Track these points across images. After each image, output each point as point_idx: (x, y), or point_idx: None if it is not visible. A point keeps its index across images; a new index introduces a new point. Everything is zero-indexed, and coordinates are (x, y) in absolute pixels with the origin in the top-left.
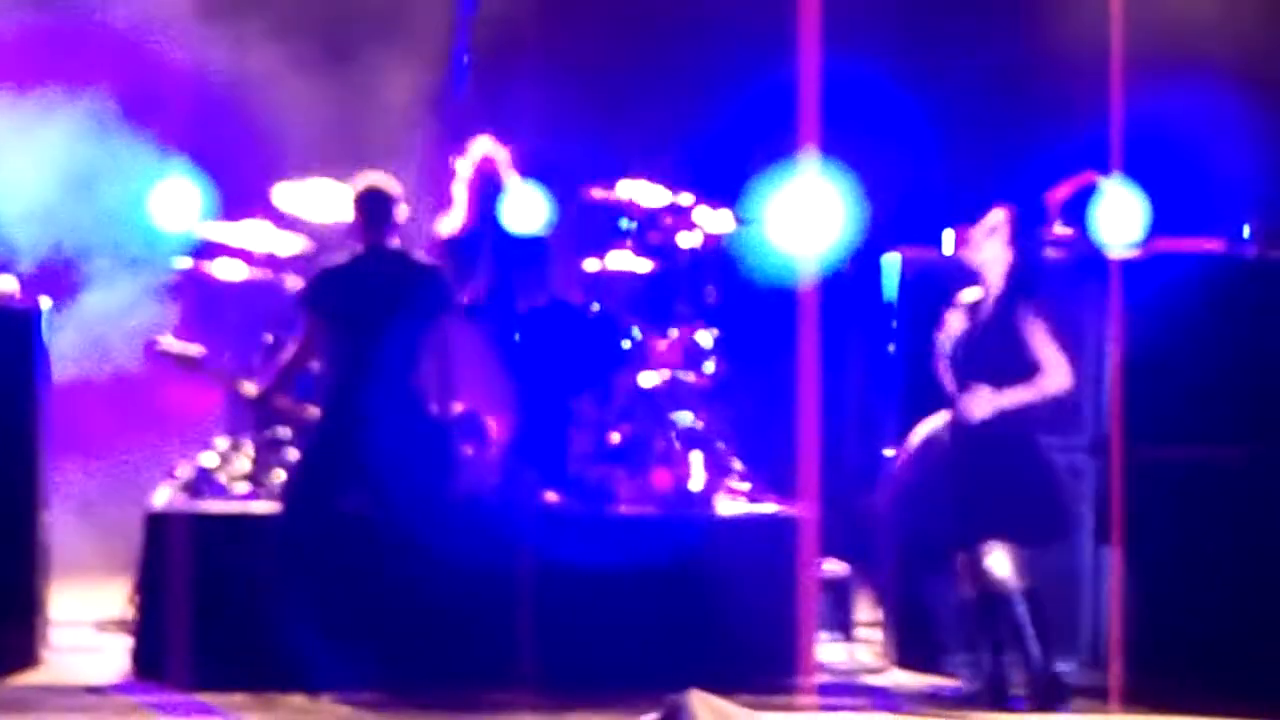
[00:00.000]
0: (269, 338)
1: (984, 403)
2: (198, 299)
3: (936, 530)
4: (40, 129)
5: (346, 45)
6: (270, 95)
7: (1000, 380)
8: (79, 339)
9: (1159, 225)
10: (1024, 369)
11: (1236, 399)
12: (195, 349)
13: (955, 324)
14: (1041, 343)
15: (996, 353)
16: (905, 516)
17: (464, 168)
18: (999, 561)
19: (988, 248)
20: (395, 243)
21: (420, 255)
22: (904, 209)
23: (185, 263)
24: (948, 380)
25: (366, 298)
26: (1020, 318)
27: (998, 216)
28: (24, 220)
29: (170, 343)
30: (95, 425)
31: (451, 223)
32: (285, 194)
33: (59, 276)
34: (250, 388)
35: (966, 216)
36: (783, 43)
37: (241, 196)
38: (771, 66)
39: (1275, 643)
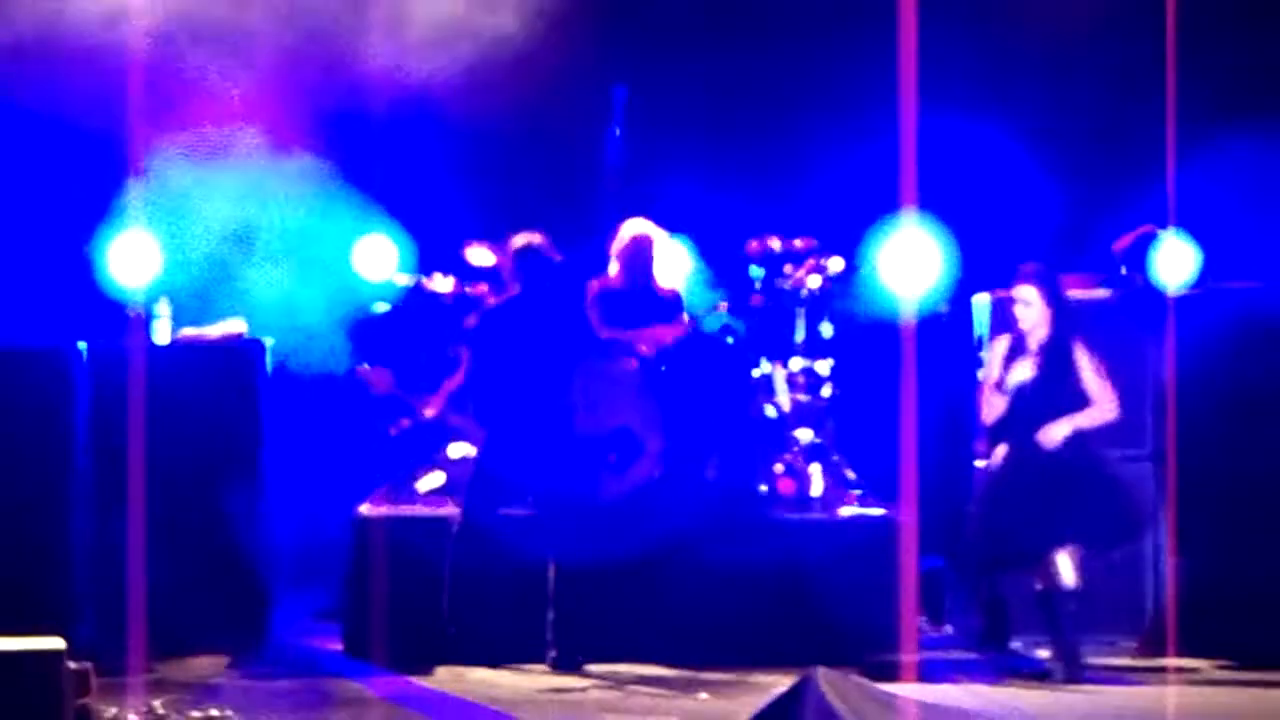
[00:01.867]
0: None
1: (1058, 431)
2: (395, 335)
3: (1018, 537)
4: (258, 180)
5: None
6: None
7: (1060, 412)
8: (299, 371)
9: (1211, 268)
10: (1079, 401)
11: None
12: (387, 375)
13: (1022, 372)
14: (1091, 378)
15: (1056, 390)
16: (990, 524)
17: (619, 238)
18: (1065, 565)
19: (1027, 314)
20: (545, 289)
21: (565, 300)
22: (993, 255)
23: (385, 307)
24: (992, 409)
25: (521, 334)
26: (1070, 358)
27: (1027, 291)
28: (247, 266)
29: (367, 370)
30: (313, 444)
31: (606, 278)
32: (475, 252)
33: (280, 317)
34: (429, 409)
35: (1053, 260)
36: (891, 110)
37: (435, 251)
38: (882, 129)
39: None
